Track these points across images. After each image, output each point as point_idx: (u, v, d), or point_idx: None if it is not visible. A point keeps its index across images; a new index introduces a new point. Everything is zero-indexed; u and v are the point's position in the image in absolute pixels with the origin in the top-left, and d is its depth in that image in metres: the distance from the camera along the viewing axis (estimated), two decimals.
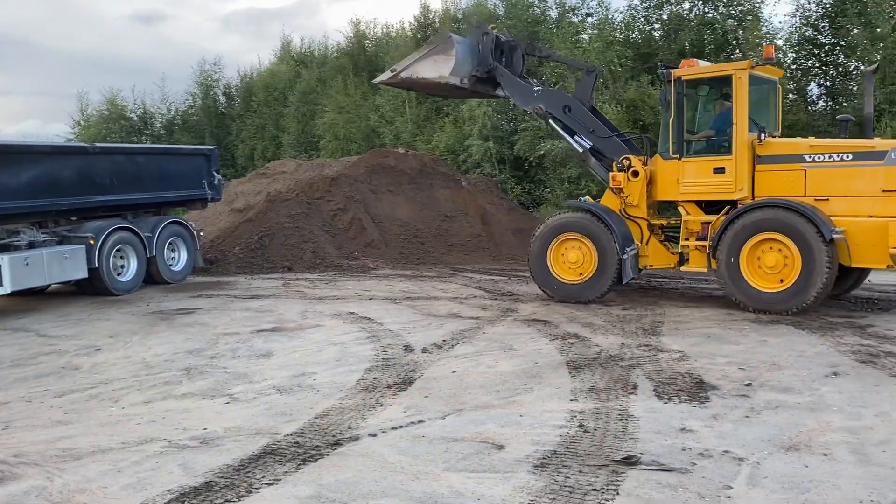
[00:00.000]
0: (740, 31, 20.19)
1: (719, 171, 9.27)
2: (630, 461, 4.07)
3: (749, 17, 20.44)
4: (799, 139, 9.64)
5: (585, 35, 22.53)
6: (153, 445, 4.61)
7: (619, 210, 10.07)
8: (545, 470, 4.01)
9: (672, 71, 9.56)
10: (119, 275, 11.55)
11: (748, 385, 5.57)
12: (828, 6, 18.31)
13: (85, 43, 72.07)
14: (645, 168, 9.94)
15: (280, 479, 4.02)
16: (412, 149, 24.08)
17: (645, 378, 5.83)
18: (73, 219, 11.49)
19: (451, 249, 16.34)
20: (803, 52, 19.02)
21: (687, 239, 9.52)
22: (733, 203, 9.24)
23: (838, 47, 18.55)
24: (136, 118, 42.58)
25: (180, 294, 11.41)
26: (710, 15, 20.74)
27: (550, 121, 10.91)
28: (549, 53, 11.99)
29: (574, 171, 21.23)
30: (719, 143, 9.41)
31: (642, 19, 21.92)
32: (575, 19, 24.31)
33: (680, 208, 9.78)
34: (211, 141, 37.45)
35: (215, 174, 13.70)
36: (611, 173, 10.17)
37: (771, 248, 8.72)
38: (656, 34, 21.58)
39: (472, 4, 27.72)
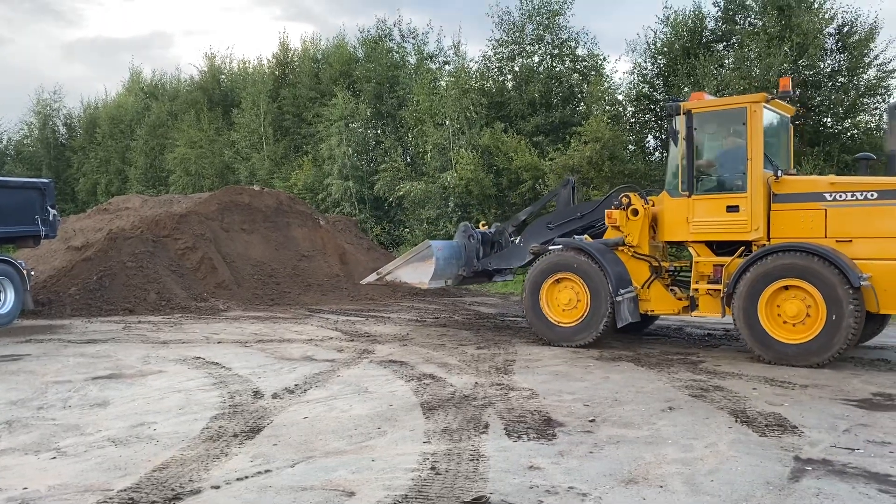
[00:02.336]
0: (585, 85, 21.56)
1: (733, 209, 8.67)
2: (480, 502, 4.10)
3: (593, 73, 21.90)
4: (819, 177, 9.26)
5: (443, 82, 23.21)
6: None
7: (626, 250, 9.52)
8: None
9: (682, 104, 9.06)
10: None
11: (592, 421, 5.80)
12: (661, 66, 19.94)
13: None
14: (646, 207, 9.43)
15: None
16: (269, 186, 23.63)
17: (497, 417, 5.93)
18: None
19: (307, 290, 16.06)
20: (640, 107, 20.53)
21: (698, 282, 8.94)
22: (747, 244, 8.74)
23: None
24: None
25: (5, 339, 10.42)
26: (558, 69, 22.02)
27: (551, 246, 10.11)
28: (532, 210, 11.97)
29: (433, 212, 21.65)
30: (732, 181, 8.86)
31: (496, 70, 22.89)
32: (433, 66, 25.02)
33: (690, 249, 9.28)
34: (49, 173, 35.06)
35: (50, 209, 12.73)
36: (606, 210, 9.76)
37: (793, 295, 8.10)
38: (509, 84, 22.58)
39: (331, 47, 27.84)
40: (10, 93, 65.80)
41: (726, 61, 18.32)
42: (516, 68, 22.46)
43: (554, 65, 22.04)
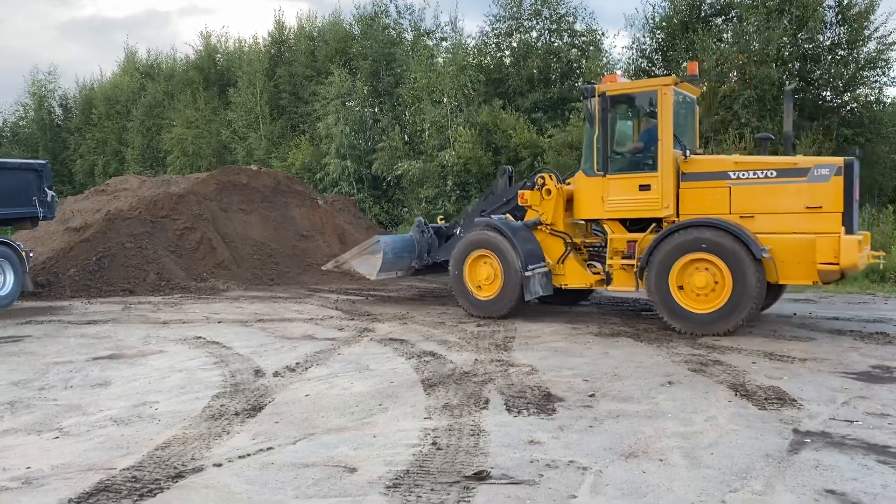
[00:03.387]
0: (583, 61, 21.40)
1: (645, 188, 9.15)
2: (481, 476, 4.12)
3: (591, 48, 21.73)
4: (724, 156, 9.68)
5: (440, 59, 23.03)
6: None
7: (543, 228, 10.04)
8: (397, 490, 3.98)
9: (597, 87, 9.44)
10: None
11: (592, 396, 5.83)
12: (660, 40, 19.78)
13: None
14: (559, 187, 9.91)
15: None
16: (266, 166, 23.54)
17: (497, 393, 5.96)
18: None
19: (307, 269, 16.06)
20: None
21: (612, 258, 9.40)
22: (659, 221, 9.17)
23: None
24: None
25: (6, 321, 10.44)
26: (556, 44, 21.85)
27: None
28: (479, 203, 12.40)
29: (431, 191, 21.59)
30: (644, 160, 9.31)
31: (493, 46, 22.72)
32: (430, 43, 24.80)
33: (605, 226, 9.72)
34: (45, 155, 34.90)
35: (47, 190, 12.69)
36: (519, 191, 10.29)
37: (700, 268, 8.55)
38: (507, 60, 22.42)
39: (327, 24, 27.58)
40: (5, 74, 65.37)
41: (725, 35, 18.18)
42: (514, 44, 22.29)
43: (552, 40, 21.89)
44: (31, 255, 13.04)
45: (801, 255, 8.29)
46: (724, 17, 19.19)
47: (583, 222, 10.15)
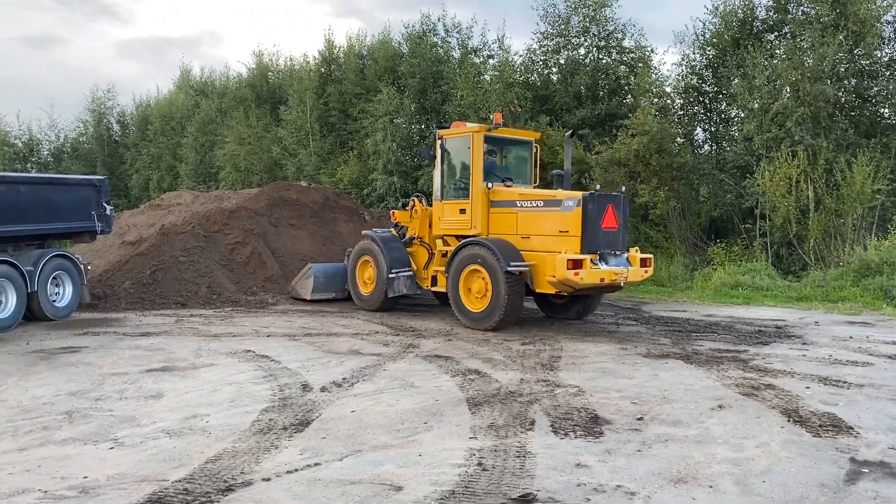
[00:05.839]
0: (632, 78, 21.25)
1: (462, 211, 11.54)
2: (527, 499, 4.10)
3: (640, 65, 21.56)
4: (515, 188, 11.51)
5: (487, 76, 23.10)
6: (27, 497, 4.29)
7: (416, 241, 12.60)
8: None
9: (439, 131, 11.93)
10: None
11: (640, 419, 5.75)
12: (711, 57, 19.54)
13: None
14: (424, 208, 12.53)
15: None
16: (315, 182, 23.88)
17: (543, 414, 5.92)
18: None
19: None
20: (689, 99, 20.15)
21: (436, 266, 12.04)
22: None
23: (721, 95, 19.76)
24: (20, 144, 40.43)
25: (64, 331, 10.77)
26: (604, 61, 21.74)
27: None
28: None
29: None
30: (463, 190, 11.62)
31: (541, 63, 22.71)
32: (477, 60, 24.91)
33: (440, 241, 12.15)
34: (103, 170, 36.01)
35: (105, 205, 13.07)
36: (391, 210, 13.36)
37: (478, 276, 10.78)
38: (554, 77, 22.37)
39: (376, 43, 27.93)
40: (67, 91, 67.98)
41: (777, 52, 17.86)
42: (562, 61, 22.24)
43: (600, 57, 21.78)
44: (89, 267, 13.42)
45: (545, 269, 10.25)
46: (777, 34, 18.87)
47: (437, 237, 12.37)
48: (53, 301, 11.99)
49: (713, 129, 20.58)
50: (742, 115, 18.34)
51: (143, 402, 6.52)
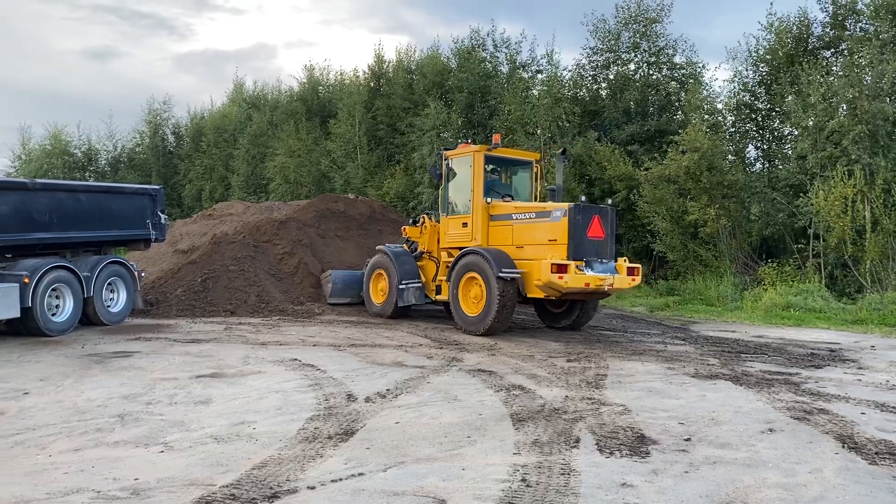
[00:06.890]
0: (682, 94, 21.00)
1: (465, 225, 12.55)
2: None
3: (691, 81, 21.31)
4: (511, 203, 12.43)
5: (535, 91, 23.10)
6: (80, 496, 4.41)
7: (426, 254, 13.50)
8: None
9: (444, 152, 13.02)
10: (54, 315, 11.12)
11: (688, 440, 5.65)
12: (763, 74, 19.21)
13: (31, 76, 70.93)
14: (434, 225, 13.46)
15: None
16: (362, 194, 24.14)
17: (588, 432, 5.86)
18: (8, 256, 11.07)
19: None
20: (741, 116, 19.82)
21: (441, 276, 12.80)
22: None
23: (773, 112, 19.39)
24: (80, 154, 41.77)
25: (118, 336, 11.07)
26: (655, 77, 21.55)
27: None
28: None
29: None
30: (466, 206, 12.56)
31: (590, 78, 22.62)
32: (525, 75, 24.93)
33: (445, 253, 12.95)
34: (158, 180, 36.97)
35: (160, 214, 13.43)
36: (403, 227, 14.57)
37: (475, 283, 11.61)
38: (603, 93, 22.25)
39: (425, 58, 28.17)
40: (125, 103, 70.10)
41: (834, 68, 17.48)
42: (611, 76, 22.14)
43: (650, 73, 21.62)
44: (143, 274, 13.78)
45: (534, 275, 11.05)
46: (833, 50, 18.48)
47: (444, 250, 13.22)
48: (108, 306, 12.33)
49: (765, 147, 20.21)
50: (796, 132, 17.98)
51: (192, 408, 6.65)
